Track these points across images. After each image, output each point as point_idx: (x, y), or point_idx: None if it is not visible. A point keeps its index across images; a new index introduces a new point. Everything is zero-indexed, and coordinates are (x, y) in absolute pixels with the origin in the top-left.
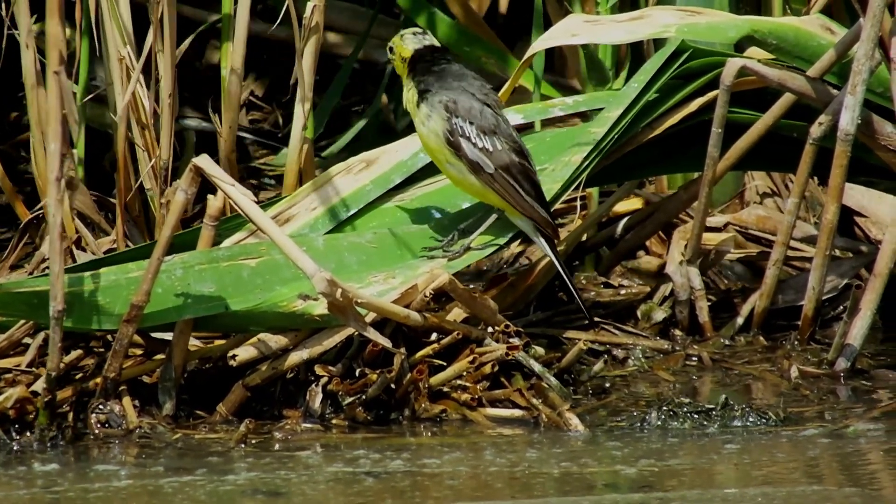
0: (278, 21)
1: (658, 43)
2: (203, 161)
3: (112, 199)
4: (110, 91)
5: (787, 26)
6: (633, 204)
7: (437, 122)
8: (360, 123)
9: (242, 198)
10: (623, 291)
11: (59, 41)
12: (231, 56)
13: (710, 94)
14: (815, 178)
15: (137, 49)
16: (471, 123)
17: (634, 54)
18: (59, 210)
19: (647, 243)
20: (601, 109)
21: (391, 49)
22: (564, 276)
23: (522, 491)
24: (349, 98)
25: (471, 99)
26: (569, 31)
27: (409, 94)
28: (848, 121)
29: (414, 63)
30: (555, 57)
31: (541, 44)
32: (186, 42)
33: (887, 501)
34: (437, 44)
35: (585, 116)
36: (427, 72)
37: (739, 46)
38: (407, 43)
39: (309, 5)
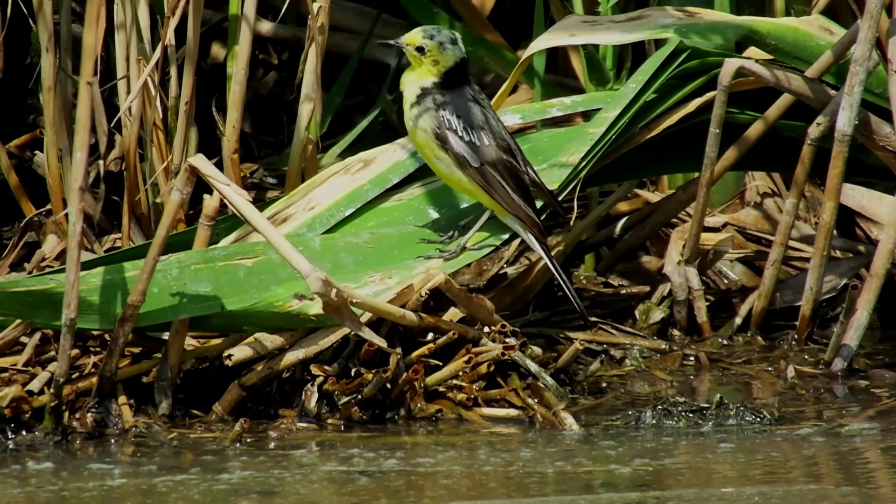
0: (279, 19)
1: (659, 43)
2: (198, 160)
3: (114, 198)
4: (122, 89)
5: (785, 27)
6: (632, 204)
7: (426, 117)
8: (364, 123)
9: (237, 197)
10: (623, 291)
11: (93, 51)
12: (236, 55)
13: (709, 95)
14: (817, 179)
15: (152, 50)
16: (458, 117)
17: (636, 54)
18: (79, 219)
19: (647, 243)
20: (600, 110)
21: (422, 49)
22: (558, 276)
23: (517, 490)
24: (353, 97)
25: (460, 96)
26: (567, 32)
27: (411, 91)
28: (845, 121)
29: (449, 73)
30: (558, 57)
31: (538, 44)
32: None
33: (885, 500)
34: (465, 54)
35: (587, 116)
36: (445, 86)
37: (740, 47)
38: (446, 53)
39: (315, 6)
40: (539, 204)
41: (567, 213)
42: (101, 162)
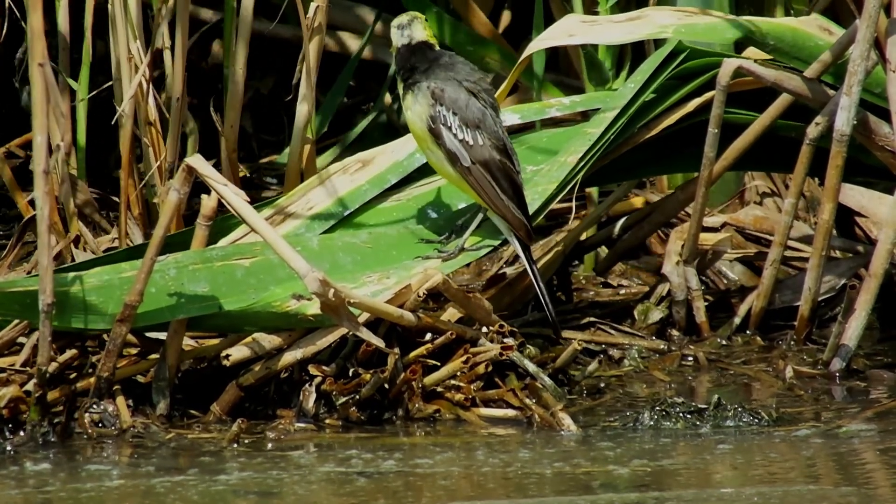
0: (277, 19)
1: (659, 43)
2: (195, 161)
3: (113, 198)
4: (117, 88)
5: (784, 27)
6: (631, 204)
7: (423, 108)
8: (364, 123)
9: (235, 197)
10: (622, 291)
11: (41, 34)
12: (234, 55)
13: (708, 95)
14: (816, 179)
15: (146, 48)
16: (454, 114)
17: (636, 54)
18: (46, 203)
19: (647, 243)
20: (599, 109)
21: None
22: (535, 283)
23: (516, 491)
24: (353, 97)
25: (459, 89)
26: (566, 32)
27: (399, 86)
28: (843, 121)
29: (399, 57)
30: (559, 56)
31: (537, 44)
32: (191, 41)
33: (884, 500)
34: (420, 37)
35: (587, 116)
36: (414, 68)
37: (739, 47)
38: (393, 37)
39: (312, 5)
40: None
41: (538, 237)
42: (61, 144)
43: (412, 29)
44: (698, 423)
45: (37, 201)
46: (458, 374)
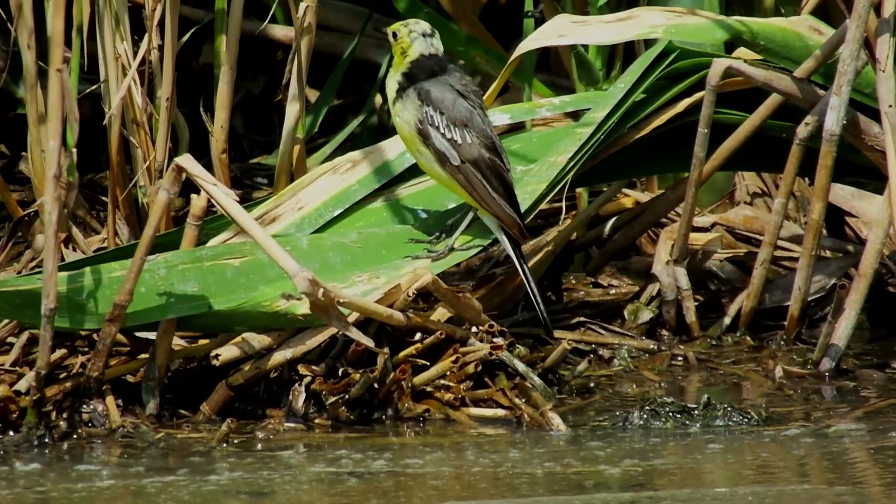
0: (268, 19)
1: (649, 43)
2: (185, 160)
3: (103, 198)
4: (105, 88)
5: (774, 27)
6: (622, 204)
7: (410, 111)
8: (354, 124)
9: (224, 197)
10: (612, 291)
11: (61, 39)
12: (223, 54)
13: (698, 95)
14: (806, 179)
15: (134, 47)
16: (441, 113)
17: (627, 54)
18: (55, 208)
19: (638, 243)
20: (589, 110)
21: (395, 35)
22: (526, 283)
23: (508, 491)
24: (344, 97)
25: (445, 89)
26: (556, 32)
27: (390, 87)
28: (833, 121)
29: (415, 64)
30: (550, 56)
31: (528, 44)
32: (182, 41)
33: (877, 499)
34: (441, 51)
35: (577, 116)
36: (415, 78)
37: (729, 47)
38: (414, 44)
39: (301, 5)
40: None
41: (531, 235)
42: (74, 150)
43: (438, 39)
44: (688, 422)
45: (45, 206)
46: (448, 373)
